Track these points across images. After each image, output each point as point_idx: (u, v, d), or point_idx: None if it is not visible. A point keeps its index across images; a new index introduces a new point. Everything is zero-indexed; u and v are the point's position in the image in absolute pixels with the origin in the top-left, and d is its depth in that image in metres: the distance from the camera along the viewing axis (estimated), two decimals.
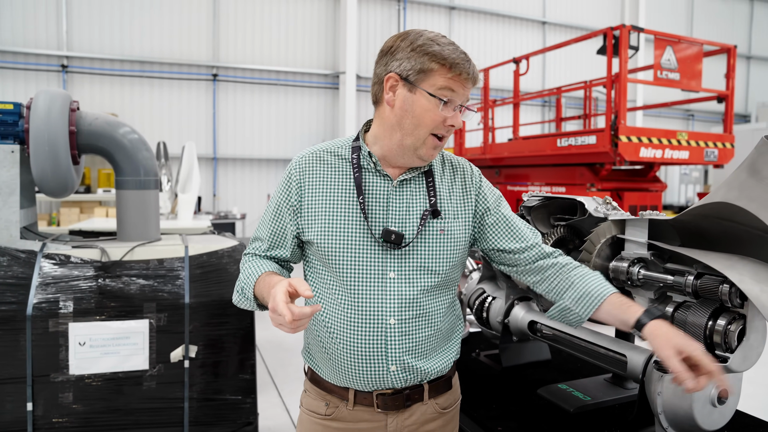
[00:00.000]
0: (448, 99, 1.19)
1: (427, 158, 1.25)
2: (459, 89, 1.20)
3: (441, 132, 1.22)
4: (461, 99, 1.21)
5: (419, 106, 1.20)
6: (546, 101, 13.05)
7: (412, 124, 1.21)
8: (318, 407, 1.35)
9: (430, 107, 1.19)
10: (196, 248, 2.90)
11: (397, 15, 11.67)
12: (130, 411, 2.63)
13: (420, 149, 1.23)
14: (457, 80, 1.19)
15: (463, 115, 1.24)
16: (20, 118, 2.87)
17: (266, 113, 10.98)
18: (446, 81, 1.18)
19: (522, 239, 1.36)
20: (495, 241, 1.36)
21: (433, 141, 1.22)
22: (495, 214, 1.36)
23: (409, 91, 1.20)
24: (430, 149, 1.23)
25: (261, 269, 1.29)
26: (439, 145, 1.24)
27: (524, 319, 1.84)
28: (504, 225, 1.36)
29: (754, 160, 1.12)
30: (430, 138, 1.22)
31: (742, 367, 1.20)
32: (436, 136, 1.22)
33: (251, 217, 10.91)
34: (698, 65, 6.05)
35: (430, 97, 1.18)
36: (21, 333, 2.49)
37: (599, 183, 5.98)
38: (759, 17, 15.59)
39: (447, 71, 1.17)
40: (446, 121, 1.21)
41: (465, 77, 1.19)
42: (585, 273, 1.31)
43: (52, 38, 9.43)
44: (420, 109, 1.20)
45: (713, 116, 14.79)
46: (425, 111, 1.19)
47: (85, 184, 7.71)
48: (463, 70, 1.18)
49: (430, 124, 1.20)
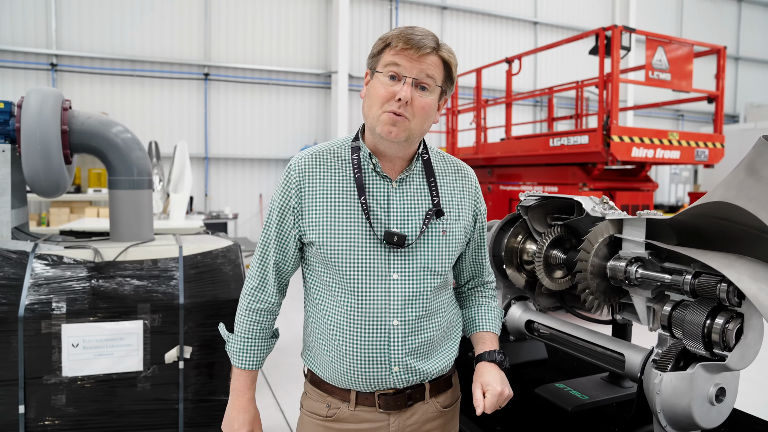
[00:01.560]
0: (393, 72, 1.20)
1: (386, 135, 1.22)
2: (404, 62, 1.20)
3: (393, 107, 1.21)
4: (411, 71, 1.20)
5: (372, 87, 1.24)
6: (538, 101, 13.10)
7: (368, 105, 1.25)
8: (319, 409, 1.34)
9: (378, 84, 1.22)
10: (190, 248, 2.88)
11: (389, 15, 11.67)
12: (124, 413, 2.61)
13: (377, 127, 1.23)
14: (401, 54, 1.20)
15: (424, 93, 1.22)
16: (11, 117, 2.84)
17: (258, 113, 10.93)
18: (391, 57, 1.21)
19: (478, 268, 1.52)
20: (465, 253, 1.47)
21: (388, 116, 1.21)
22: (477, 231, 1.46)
23: (371, 78, 1.26)
24: (386, 125, 1.22)
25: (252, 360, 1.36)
26: (397, 120, 1.21)
27: (521, 318, 1.84)
28: (476, 248, 1.48)
29: (752, 159, 1.13)
30: (384, 114, 1.21)
31: (740, 365, 1.21)
32: (389, 112, 1.21)
33: (243, 217, 10.86)
34: (689, 66, 6.10)
35: (378, 74, 1.22)
36: (13, 335, 2.46)
37: (591, 182, 6.01)
38: (747, 18, 15.76)
39: (391, 48, 1.21)
40: (395, 95, 1.20)
41: (408, 49, 1.19)
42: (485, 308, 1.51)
43: (41, 36, 9.33)
44: (372, 89, 1.24)
45: (703, 116, 14.92)
46: (375, 89, 1.23)
47: (76, 184, 7.63)
48: (402, 42, 1.19)
49: (379, 100, 1.22)
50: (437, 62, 1.22)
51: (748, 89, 15.74)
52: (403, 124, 1.21)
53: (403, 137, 1.22)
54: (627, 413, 1.56)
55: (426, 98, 1.22)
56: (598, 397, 1.63)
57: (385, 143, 1.25)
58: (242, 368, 1.36)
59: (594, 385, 1.73)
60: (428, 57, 1.20)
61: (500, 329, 1.50)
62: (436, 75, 1.23)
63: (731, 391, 1.28)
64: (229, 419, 1.37)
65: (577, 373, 1.90)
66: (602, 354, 1.53)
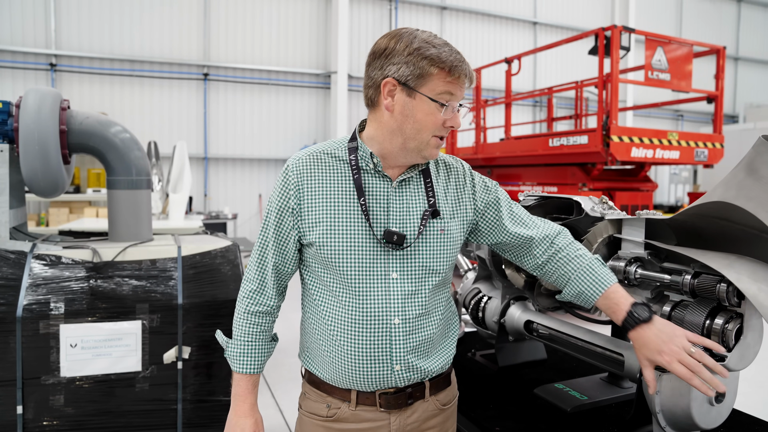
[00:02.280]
0: (447, 101, 1.19)
1: (431, 158, 1.27)
2: (457, 91, 1.21)
3: (444, 134, 1.25)
4: (459, 100, 1.22)
5: (420, 111, 1.20)
6: (537, 101, 13.10)
7: (415, 129, 1.21)
8: (319, 409, 1.34)
9: (431, 111, 1.20)
10: (188, 248, 2.87)
11: (389, 15, 11.67)
12: (123, 413, 2.61)
13: (424, 150, 1.24)
14: (455, 83, 1.19)
15: (461, 114, 1.26)
16: (9, 117, 2.83)
17: (257, 113, 10.93)
18: (446, 85, 1.19)
19: (531, 226, 1.41)
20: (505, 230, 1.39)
21: (436, 141, 1.24)
22: (497, 207, 1.40)
23: (408, 95, 1.20)
24: (433, 149, 1.25)
25: (253, 364, 1.34)
26: (440, 144, 1.26)
27: (520, 318, 1.84)
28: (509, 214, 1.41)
29: (752, 159, 1.13)
30: (433, 139, 1.23)
31: (740, 365, 1.21)
32: (437, 136, 1.24)
33: (242, 218, 10.85)
34: (688, 66, 6.10)
35: (430, 101, 1.19)
36: (11, 335, 2.45)
37: (591, 183, 6.01)
38: (746, 18, 15.76)
39: (446, 75, 1.18)
40: (446, 122, 1.22)
41: (463, 79, 1.20)
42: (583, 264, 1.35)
43: (40, 36, 9.32)
44: (421, 114, 1.20)
45: (702, 116, 14.93)
46: (427, 115, 1.20)
47: (75, 184, 7.63)
48: (461, 73, 1.19)
49: (432, 128, 1.21)
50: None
51: (748, 89, 15.75)
52: (442, 144, 1.27)
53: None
54: (626, 414, 1.56)
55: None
56: (597, 397, 1.63)
57: (413, 160, 1.27)
58: (243, 373, 1.34)
59: (593, 385, 1.73)
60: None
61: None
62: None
63: (731, 392, 1.27)
64: (231, 425, 1.35)
65: (576, 373, 1.90)
66: (601, 354, 1.53)
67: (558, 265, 1.37)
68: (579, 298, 1.34)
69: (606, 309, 1.30)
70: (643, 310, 1.22)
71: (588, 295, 1.31)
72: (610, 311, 1.28)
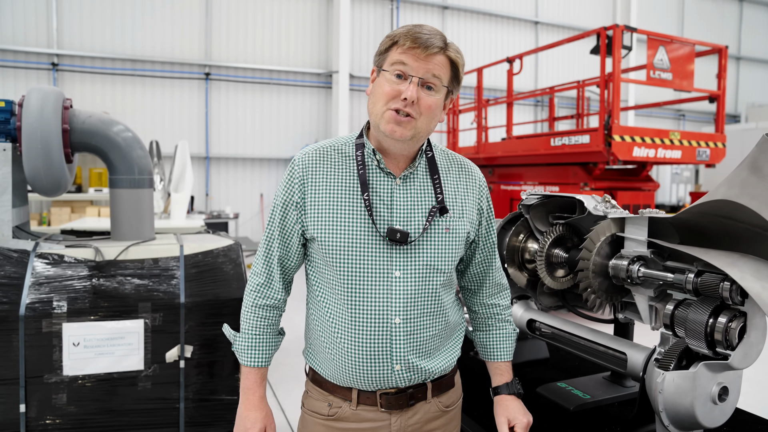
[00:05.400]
0: (399, 71, 1.20)
1: (389, 133, 1.21)
2: (411, 61, 1.19)
3: (398, 105, 1.20)
4: (418, 71, 1.19)
5: (378, 84, 1.24)
6: (539, 101, 13.09)
7: (372, 102, 1.25)
8: (320, 408, 1.34)
9: (384, 82, 1.22)
10: (191, 247, 2.87)
11: (390, 14, 11.66)
12: (125, 412, 2.61)
13: (380, 124, 1.23)
14: (409, 53, 1.19)
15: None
16: (12, 116, 2.84)
17: (259, 112, 10.93)
18: (398, 55, 1.20)
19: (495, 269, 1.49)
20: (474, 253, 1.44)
21: (391, 114, 1.21)
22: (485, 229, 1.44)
23: (377, 75, 1.25)
24: (390, 124, 1.21)
25: (261, 357, 1.36)
26: (402, 121, 1.20)
27: (523, 317, 1.84)
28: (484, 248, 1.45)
29: (756, 157, 1.12)
30: (388, 112, 1.21)
31: (743, 364, 1.21)
32: (396, 112, 1.20)
33: (244, 217, 10.86)
34: (690, 65, 6.09)
35: (385, 73, 1.22)
36: (14, 333, 2.45)
37: (592, 182, 6.01)
38: (748, 18, 15.73)
39: (398, 46, 1.20)
40: (400, 93, 1.19)
41: (415, 48, 1.18)
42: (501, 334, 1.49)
43: (42, 36, 9.33)
44: (378, 87, 1.24)
45: (704, 116, 14.90)
46: (380, 86, 1.23)
47: (77, 184, 7.64)
48: (410, 41, 1.18)
49: (383, 97, 1.21)
50: (444, 62, 1.21)
51: (750, 89, 15.72)
52: (410, 124, 1.21)
53: (409, 136, 1.22)
54: (629, 412, 1.56)
55: (432, 98, 1.21)
56: (600, 396, 1.63)
57: (389, 141, 1.24)
58: (251, 366, 1.35)
59: (596, 384, 1.73)
60: (435, 56, 1.19)
61: (513, 352, 1.52)
62: (443, 75, 1.22)
63: (734, 391, 1.27)
64: (241, 418, 1.35)
65: (579, 372, 1.90)
66: (604, 353, 1.53)
67: (488, 316, 1.49)
68: (483, 347, 1.50)
69: (493, 371, 1.48)
70: (517, 386, 1.45)
71: (492, 353, 1.48)
72: (497, 374, 1.47)
